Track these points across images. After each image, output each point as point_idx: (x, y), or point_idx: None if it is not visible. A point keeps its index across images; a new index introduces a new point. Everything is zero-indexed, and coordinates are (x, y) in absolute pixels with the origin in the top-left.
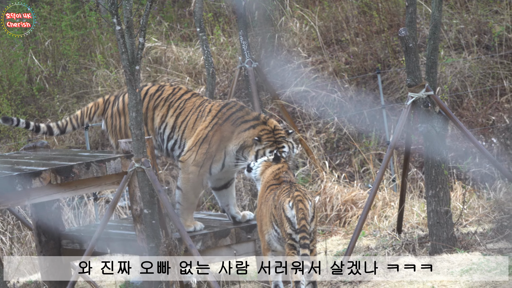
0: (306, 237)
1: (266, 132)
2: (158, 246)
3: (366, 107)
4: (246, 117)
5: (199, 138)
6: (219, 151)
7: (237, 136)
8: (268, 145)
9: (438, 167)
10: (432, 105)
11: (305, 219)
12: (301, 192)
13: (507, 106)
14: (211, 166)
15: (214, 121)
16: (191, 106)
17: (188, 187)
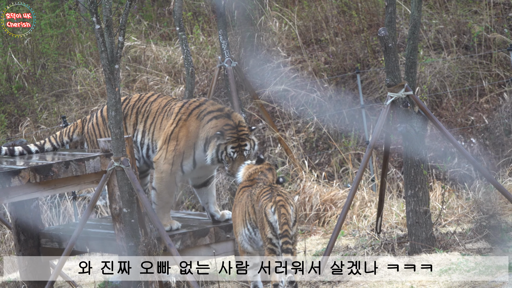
0: (289, 242)
1: (230, 127)
2: (137, 245)
3: (345, 106)
4: (209, 109)
5: (167, 136)
6: (188, 147)
7: (202, 129)
8: (231, 141)
9: (417, 167)
10: (411, 105)
11: (287, 224)
12: (283, 197)
13: (486, 107)
14: (182, 163)
15: (178, 117)
16: (157, 107)
17: (162, 187)
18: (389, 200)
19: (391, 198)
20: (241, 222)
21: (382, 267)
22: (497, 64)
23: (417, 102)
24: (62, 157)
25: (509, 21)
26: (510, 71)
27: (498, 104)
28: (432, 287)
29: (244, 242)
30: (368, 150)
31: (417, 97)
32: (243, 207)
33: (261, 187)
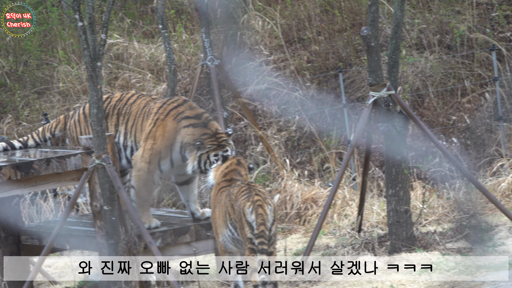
0: (264, 242)
1: (208, 136)
2: (118, 242)
3: (327, 105)
4: (187, 113)
5: (145, 135)
6: (165, 147)
7: (178, 132)
8: (212, 149)
9: (398, 166)
10: (393, 104)
11: (264, 225)
12: (261, 196)
13: (467, 106)
14: (159, 162)
15: (156, 117)
16: (136, 109)
17: (140, 185)
18: (370, 199)
19: (372, 197)
20: (222, 223)
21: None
22: (479, 64)
23: (399, 102)
24: (44, 154)
25: (491, 21)
26: (492, 71)
27: (479, 104)
28: (412, 286)
29: (228, 242)
30: (349, 149)
31: (399, 97)
32: (223, 208)
33: (239, 186)
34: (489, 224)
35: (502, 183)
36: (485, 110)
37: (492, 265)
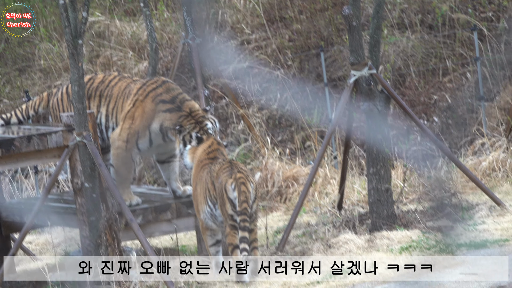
0: (247, 220)
1: (184, 117)
2: (99, 220)
3: (309, 84)
4: (164, 96)
5: (123, 115)
6: (143, 128)
7: (157, 115)
8: (192, 128)
9: (379, 145)
10: (374, 83)
11: (246, 202)
12: (243, 174)
13: (449, 86)
14: (137, 141)
15: (135, 98)
16: (118, 91)
17: (119, 163)
18: (351, 178)
19: (353, 175)
20: (203, 200)
21: (343, 244)
22: (461, 44)
23: (380, 81)
24: (25, 131)
25: (473, 1)
26: (474, 51)
27: (461, 83)
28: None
29: (207, 219)
30: (330, 127)
31: (381, 76)
32: (203, 184)
33: (221, 164)
34: (469, 203)
35: (483, 162)
36: (466, 89)
37: (472, 243)
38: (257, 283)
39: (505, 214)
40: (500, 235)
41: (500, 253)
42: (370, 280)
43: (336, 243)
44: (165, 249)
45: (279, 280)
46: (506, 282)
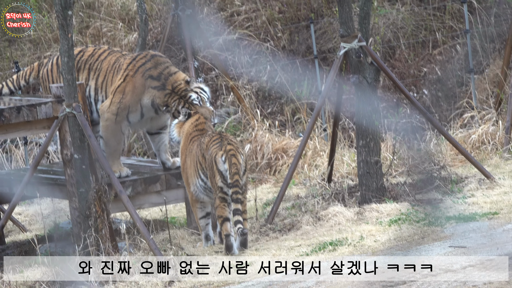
0: (239, 191)
1: (168, 95)
2: (88, 191)
3: (298, 56)
4: (152, 72)
5: (113, 89)
6: (134, 102)
7: (147, 90)
8: (176, 104)
9: (369, 118)
10: (364, 55)
11: (238, 174)
12: (234, 146)
13: (439, 58)
14: (128, 115)
15: (125, 73)
16: (107, 66)
17: (108, 135)
18: (341, 150)
19: (342, 148)
20: (193, 173)
21: (332, 216)
22: (450, 16)
23: (370, 53)
24: (15, 102)
25: None
26: (464, 24)
27: (451, 56)
28: (381, 237)
29: (199, 192)
30: (320, 99)
31: (370, 48)
32: (194, 157)
33: (210, 136)
34: (459, 176)
35: (472, 135)
36: (456, 62)
37: (461, 216)
38: (246, 254)
39: (494, 187)
40: (489, 208)
41: (489, 226)
42: (359, 252)
43: (325, 216)
44: (154, 220)
45: (268, 253)
46: (495, 255)
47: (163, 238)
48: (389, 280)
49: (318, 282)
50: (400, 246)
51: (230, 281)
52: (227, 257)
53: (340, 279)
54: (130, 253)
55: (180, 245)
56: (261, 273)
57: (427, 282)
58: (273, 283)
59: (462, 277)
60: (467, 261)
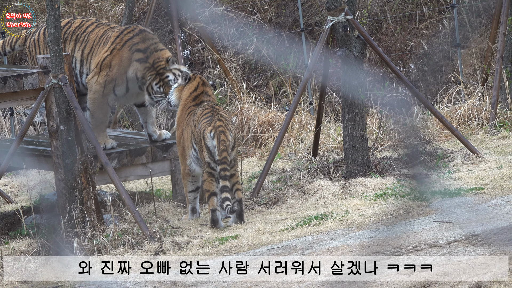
0: (227, 168)
1: (147, 69)
2: (74, 163)
3: (285, 29)
4: (139, 46)
5: (99, 61)
6: (121, 75)
7: (132, 63)
8: (152, 79)
9: (355, 91)
10: (351, 29)
11: (226, 151)
12: (223, 122)
13: (425, 32)
14: (114, 88)
15: (112, 46)
16: (94, 38)
17: (95, 107)
18: (327, 124)
19: (328, 121)
20: (189, 144)
21: (317, 190)
22: None
23: (356, 27)
24: (1, 73)
25: None
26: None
27: (437, 30)
28: (367, 211)
29: (193, 163)
30: (306, 73)
31: (357, 22)
32: (190, 128)
33: (203, 108)
34: (444, 151)
35: (458, 110)
36: (442, 36)
37: (447, 191)
38: (232, 228)
39: (479, 162)
40: (474, 184)
41: (475, 202)
42: (344, 226)
43: (310, 189)
44: (140, 193)
45: (253, 226)
46: (480, 231)
47: (149, 211)
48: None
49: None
50: (385, 221)
51: (215, 254)
52: (212, 230)
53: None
54: (115, 225)
55: (165, 218)
56: (246, 246)
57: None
58: (258, 257)
59: (447, 253)
60: (452, 236)
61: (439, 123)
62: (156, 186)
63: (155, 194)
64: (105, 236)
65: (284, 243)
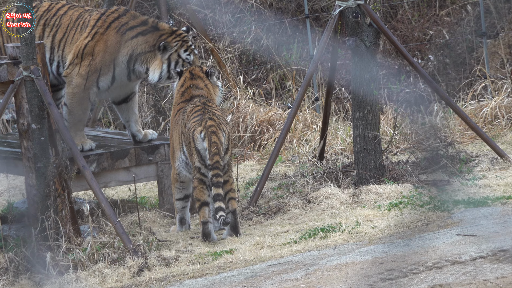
0: (219, 174)
1: (167, 35)
2: (47, 166)
3: (287, 16)
4: (132, 23)
5: (79, 50)
6: (106, 63)
7: (124, 45)
8: (180, 45)
9: (367, 86)
10: (362, 15)
11: (218, 155)
12: (215, 122)
13: (447, 20)
14: (98, 79)
15: (94, 31)
16: (68, 21)
17: (74, 103)
18: (335, 123)
19: (336, 120)
20: (178, 146)
21: (324, 199)
22: None
23: (368, 13)
24: None
25: None
26: None
27: (460, 17)
28: (380, 223)
29: (182, 168)
30: (312, 65)
31: (369, 7)
32: (179, 128)
33: (194, 105)
34: (468, 154)
35: (484, 108)
36: (466, 24)
37: (471, 200)
38: (226, 241)
39: (508, 167)
40: (502, 192)
41: (503, 212)
42: (354, 240)
43: (316, 198)
44: (122, 201)
45: (251, 239)
46: (509, 246)
47: (132, 221)
48: (388, 272)
49: (307, 274)
50: (401, 234)
51: (207, 271)
52: (204, 244)
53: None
54: (94, 237)
55: (151, 229)
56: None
57: (431, 275)
58: (256, 274)
59: (472, 270)
60: (477, 251)
61: (462, 122)
62: (141, 193)
63: (139, 203)
64: (82, 250)
65: (286, 258)
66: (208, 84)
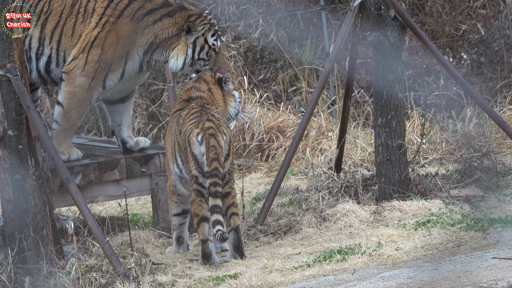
0: (218, 183)
1: (196, 16)
2: (26, 178)
3: (300, 7)
4: (149, 6)
5: (87, 43)
6: (118, 58)
7: (142, 33)
8: (207, 28)
9: (390, 88)
10: (385, 7)
11: (217, 161)
12: (214, 123)
13: (482, 12)
14: (106, 77)
15: (103, 20)
16: (62, 8)
17: (73, 104)
18: (353, 130)
19: (355, 127)
20: (171, 156)
21: (341, 216)
22: None
23: (393, 4)
24: None
25: None
26: None
27: (497, 9)
28: (405, 244)
29: (177, 182)
30: (328, 64)
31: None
32: (172, 136)
33: (190, 108)
34: (506, 166)
35: None
36: (504, 18)
37: (509, 219)
38: (229, 265)
39: None
40: None
41: None
42: (375, 263)
43: (332, 215)
44: (111, 218)
45: (258, 262)
46: None
47: (122, 241)
48: None
49: None
50: (429, 257)
51: None
52: (204, 267)
53: None
54: (79, 260)
55: (144, 251)
56: None
57: None
58: None
59: None
60: None
61: (500, 130)
62: (132, 210)
63: (131, 220)
64: (66, 274)
65: (298, 284)
66: (214, 89)
